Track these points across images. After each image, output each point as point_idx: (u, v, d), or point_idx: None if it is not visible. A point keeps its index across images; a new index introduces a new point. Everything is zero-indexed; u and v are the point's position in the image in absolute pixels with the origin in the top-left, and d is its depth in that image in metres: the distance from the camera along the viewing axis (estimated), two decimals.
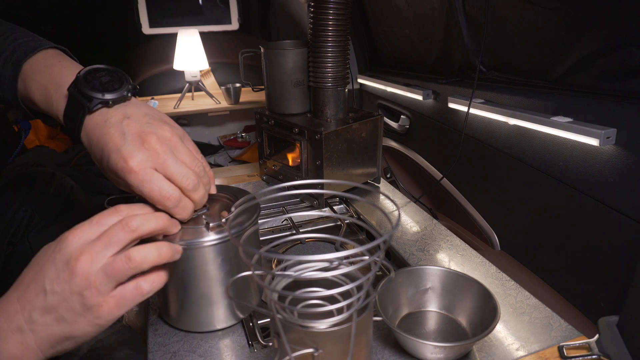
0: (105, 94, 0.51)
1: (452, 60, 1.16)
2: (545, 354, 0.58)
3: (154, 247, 0.46)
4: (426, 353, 0.55)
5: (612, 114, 0.71)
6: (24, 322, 0.42)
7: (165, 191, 0.49)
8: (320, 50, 0.93)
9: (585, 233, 0.78)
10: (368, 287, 0.42)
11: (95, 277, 0.42)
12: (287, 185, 0.47)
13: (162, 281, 0.48)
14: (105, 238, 0.44)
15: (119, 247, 0.44)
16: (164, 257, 0.47)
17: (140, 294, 0.45)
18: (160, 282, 0.47)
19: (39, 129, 1.98)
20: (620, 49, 0.71)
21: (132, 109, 0.53)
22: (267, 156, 1.10)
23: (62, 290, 0.42)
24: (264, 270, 0.42)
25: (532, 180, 0.89)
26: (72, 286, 0.42)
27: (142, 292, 0.45)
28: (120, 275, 0.43)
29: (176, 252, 0.49)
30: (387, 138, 1.47)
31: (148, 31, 1.78)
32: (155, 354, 0.59)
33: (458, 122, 1.09)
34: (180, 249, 0.51)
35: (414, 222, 0.93)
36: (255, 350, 0.60)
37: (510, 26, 0.92)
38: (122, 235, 0.44)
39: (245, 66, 1.08)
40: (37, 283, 0.43)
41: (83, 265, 0.42)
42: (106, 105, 0.51)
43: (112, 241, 0.44)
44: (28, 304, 0.43)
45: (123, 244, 0.44)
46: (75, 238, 0.43)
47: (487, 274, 0.74)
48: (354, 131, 0.98)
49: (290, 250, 0.86)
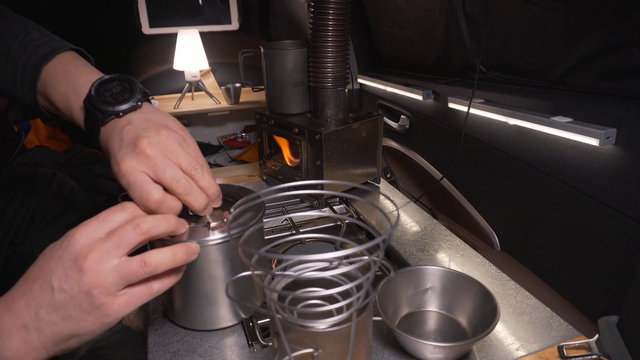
0: (116, 106, 0.53)
1: (452, 60, 1.16)
2: (545, 354, 0.58)
3: (169, 251, 0.46)
4: (426, 353, 0.55)
5: (612, 114, 0.71)
6: (29, 320, 0.42)
7: (146, 193, 0.49)
8: (320, 50, 0.93)
9: (585, 233, 0.78)
10: (368, 287, 0.42)
11: (105, 277, 0.42)
12: (288, 186, 0.47)
13: (172, 281, 0.48)
14: (116, 238, 0.44)
15: (129, 247, 0.44)
16: (178, 262, 0.47)
17: (150, 292, 0.46)
18: (171, 282, 0.48)
19: (39, 129, 1.98)
20: (620, 49, 0.71)
21: (137, 115, 0.54)
22: (267, 156, 1.10)
23: (71, 288, 0.42)
24: (264, 270, 0.42)
25: (532, 180, 0.89)
26: (80, 284, 0.42)
27: (151, 291, 0.46)
28: (133, 278, 0.44)
29: (192, 254, 0.49)
30: (387, 138, 1.47)
31: (148, 31, 1.78)
32: (155, 354, 0.59)
33: (458, 122, 1.09)
34: (198, 249, 0.51)
35: (414, 222, 0.93)
36: (255, 350, 0.60)
37: (510, 26, 0.92)
38: (133, 236, 0.44)
39: (245, 66, 1.08)
40: (43, 280, 0.43)
41: (92, 263, 0.42)
42: (117, 116, 0.53)
43: (122, 241, 0.44)
44: (34, 301, 0.42)
45: (133, 245, 0.45)
46: (83, 235, 0.43)
47: (487, 274, 0.74)
48: (354, 131, 0.98)
49: (290, 250, 0.86)
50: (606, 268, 0.74)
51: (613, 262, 0.73)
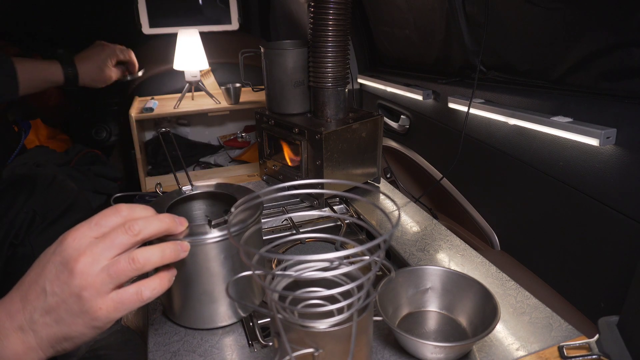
0: None
1: (452, 60, 1.16)
2: (545, 354, 0.58)
3: (158, 248, 0.46)
4: (426, 353, 0.55)
5: (612, 114, 0.71)
6: (25, 322, 0.43)
7: None
8: (320, 50, 0.93)
9: (586, 233, 0.78)
10: (368, 287, 0.42)
11: (95, 277, 0.42)
12: (288, 185, 0.47)
13: (163, 288, 0.47)
14: (108, 240, 0.43)
15: (120, 250, 0.44)
16: (167, 259, 0.47)
17: (140, 299, 0.45)
18: (162, 289, 0.47)
19: (39, 129, 1.98)
20: (620, 49, 0.71)
21: None
22: (267, 156, 1.10)
23: (62, 291, 0.42)
24: (264, 270, 0.42)
25: (532, 180, 0.89)
26: (71, 287, 0.42)
27: (142, 298, 0.45)
28: (122, 276, 0.43)
29: (182, 251, 0.49)
30: (387, 138, 1.47)
31: (148, 31, 1.78)
32: (155, 354, 0.59)
33: (458, 122, 1.09)
34: (188, 247, 0.50)
35: (414, 222, 0.93)
36: (255, 350, 0.60)
37: (510, 26, 0.92)
38: (124, 239, 0.44)
39: (245, 66, 1.08)
40: (37, 284, 0.43)
41: (83, 266, 0.42)
42: None
43: (114, 244, 0.44)
44: (29, 304, 0.43)
45: (125, 248, 0.44)
46: (76, 240, 0.43)
47: (487, 274, 0.74)
48: (354, 131, 0.98)
49: (291, 250, 0.86)
50: (606, 268, 0.74)
51: (613, 262, 0.73)
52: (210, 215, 0.72)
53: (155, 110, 1.40)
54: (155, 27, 1.80)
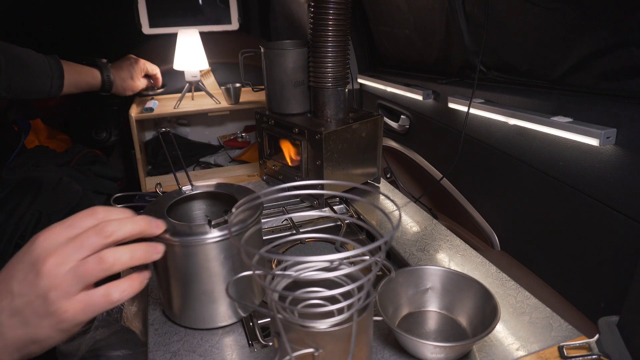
0: None
1: (452, 60, 1.16)
2: (545, 354, 0.58)
3: (128, 249, 0.45)
4: (426, 353, 0.55)
5: (612, 114, 0.71)
6: None
7: None
8: (320, 50, 0.93)
9: (585, 233, 0.78)
10: (369, 288, 0.42)
11: (62, 278, 0.41)
12: (288, 186, 0.47)
13: (134, 290, 0.45)
14: (78, 242, 0.42)
15: (90, 252, 0.42)
16: (137, 259, 0.45)
17: (109, 301, 0.43)
18: (132, 291, 0.45)
19: (38, 129, 1.97)
20: (620, 49, 0.71)
21: None
22: (267, 156, 1.10)
23: (29, 292, 0.41)
24: (265, 270, 0.42)
25: (532, 180, 0.88)
26: (37, 288, 0.41)
27: (110, 300, 0.43)
28: (90, 277, 0.42)
29: (155, 253, 0.47)
30: (387, 138, 1.47)
31: (148, 31, 1.78)
32: (155, 354, 0.59)
33: (458, 122, 1.09)
34: (162, 249, 0.49)
35: (414, 222, 0.93)
36: (255, 350, 0.60)
37: (510, 26, 0.92)
38: (95, 240, 0.43)
39: (245, 66, 1.08)
40: (5, 285, 0.42)
41: (50, 267, 0.41)
42: None
43: (84, 245, 0.42)
44: None
45: (96, 249, 0.43)
46: (47, 240, 0.42)
47: (487, 274, 0.74)
48: (354, 131, 0.98)
49: (291, 250, 0.86)
50: (606, 268, 0.74)
51: (613, 262, 0.73)
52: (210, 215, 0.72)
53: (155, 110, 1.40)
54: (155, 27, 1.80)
